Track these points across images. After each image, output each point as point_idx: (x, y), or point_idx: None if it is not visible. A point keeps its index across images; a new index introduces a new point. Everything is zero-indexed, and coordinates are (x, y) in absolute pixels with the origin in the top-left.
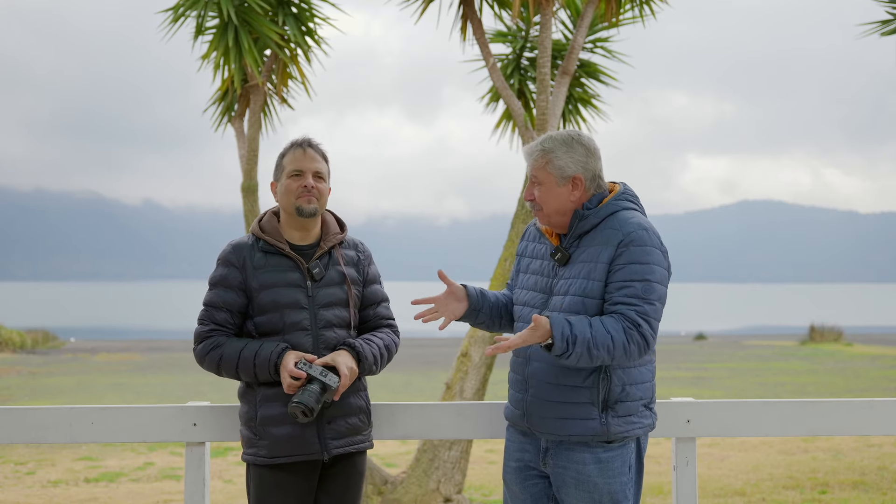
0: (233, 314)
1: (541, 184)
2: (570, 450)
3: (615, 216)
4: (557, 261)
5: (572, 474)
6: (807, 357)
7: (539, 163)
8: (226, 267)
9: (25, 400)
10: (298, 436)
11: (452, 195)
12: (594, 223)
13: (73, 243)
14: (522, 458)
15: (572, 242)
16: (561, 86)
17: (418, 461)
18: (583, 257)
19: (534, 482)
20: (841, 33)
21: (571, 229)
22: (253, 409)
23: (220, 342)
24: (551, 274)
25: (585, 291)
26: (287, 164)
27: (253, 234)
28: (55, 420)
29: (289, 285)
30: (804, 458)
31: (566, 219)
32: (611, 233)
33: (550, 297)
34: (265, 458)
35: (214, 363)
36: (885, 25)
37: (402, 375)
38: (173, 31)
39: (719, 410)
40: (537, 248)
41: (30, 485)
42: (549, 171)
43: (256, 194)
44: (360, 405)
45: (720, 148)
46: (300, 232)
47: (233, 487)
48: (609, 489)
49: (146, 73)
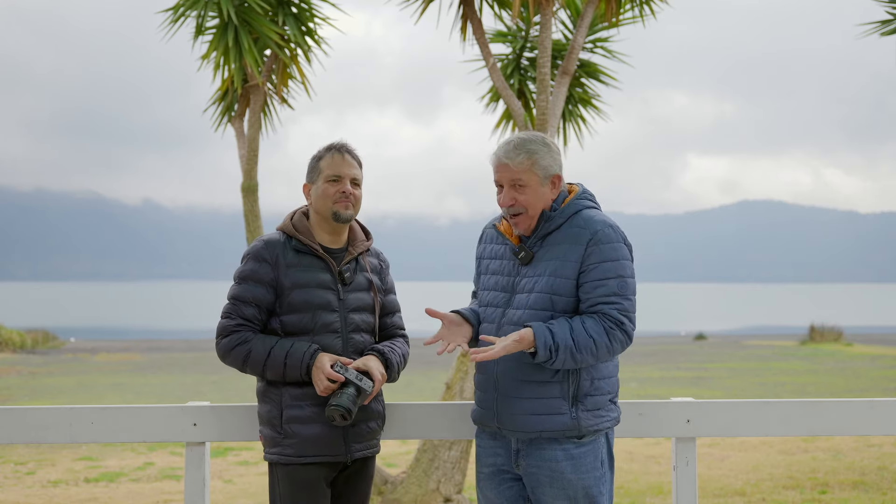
0: (261, 310)
1: (524, 186)
2: (541, 448)
3: (579, 215)
4: (521, 259)
5: (546, 472)
6: (807, 357)
7: (524, 165)
8: (257, 262)
9: (25, 400)
10: (326, 437)
11: (452, 195)
12: (559, 223)
13: (73, 243)
14: (495, 462)
15: (536, 242)
16: (561, 86)
17: (418, 461)
18: (547, 255)
19: (508, 485)
20: (841, 33)
21: (537, 230)
22: (277, 408)
23: (247, 337)
24: (513, 273)
25: (553, 288)
26: (325, 167)
27: (284, 232)
28: (55, 420)
29: (320, 286)
30: (804, 458)
31: (537, 220)
32: (578, 231)
33: (513, 295)
34: (292, 458)
35: (240, 359)
36: (885, 25)
37: (403, 375)
38: (173, 31)
39: (719, 410)
40: (496, 248)
41: (30, 485)
42: (534, 172)
43: (256, 194)
44: (379, 410)
45: (720, 148)
46: (330, 236)
47: (233, 487)
48: (583, 484)
49: (146, 73)
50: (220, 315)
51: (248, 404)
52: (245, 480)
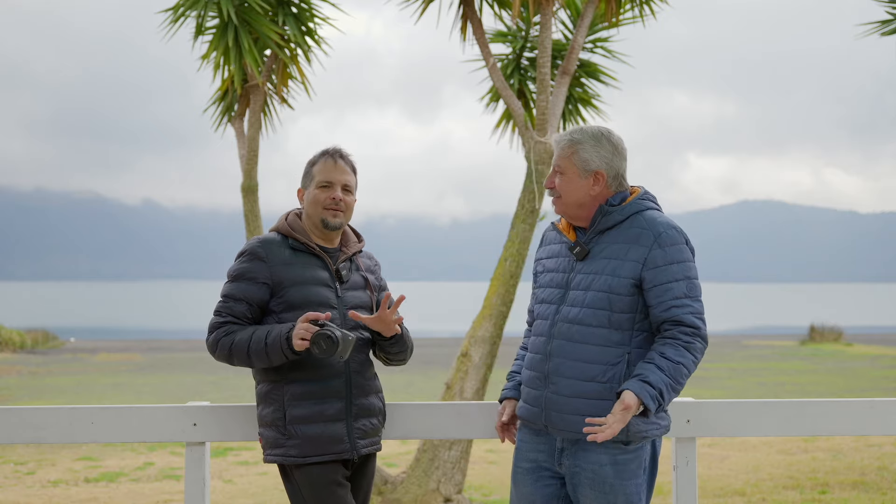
0: (252, 307)
1: (563, 173)
2: (586, 450)
3: (641, 215)
4: (576, 255)
5: (588, 475)
6: (807, 357)
7: (565, 152)
8: (251, 261)
9: (25, 400)
10: (329, 435)
11: (452, 195)
12: (618, 220)
13: (73, 243)
14: (536, 458)
15: (592, 238)
16: (561, 86)
17: (418, 461)
18: (605, 253)
19: (546, 483)
20: (841, 33)
21: (593, 224)
22: (280, 409)
23: (231, 329)
24: (568, 269)
25: (611, 288)
26: (317, 173)
27: (280, 233)
28: (55, 420)
29: (319, 283)
30: (804, 458)
31: (583, 212)
32: (639, 231)
33: (567, 291)
34: (296, 458)
35: (226, 350)
36: (885, 25)
37: (403, 375)
38: (173, 31)
39: (719, 410)
40: (553, 248)
41: (30, 485)
42: (573, 162)
43: (256, 194)
44: (380, 406)
45: (720, 148)
46: (323, 238)
47: (233, 487)
48: (624, 491)
49: (146, 72)
50: (213, 313)
51: (247, 404)
52: (245, 480)
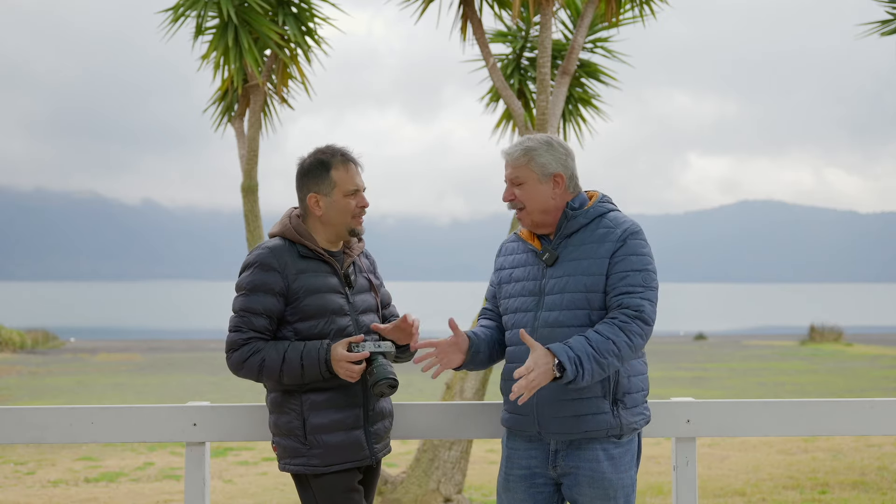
0: (272, 320)
1: (522, 183)
2: (580, 448)
3: (606, 216)
4: (545, 261)
5: (586, 473)
6: (807, 357)
7: (520, 161)
8: (265, 271)
9: (25, 400)
10: (351, 442)
11: (452, 195)
12: (583, 223)
13: (73, 243)
14: (529, 465)
15: (560, 242)
16: (561, 86)
17: (418, 461)
18: (576, 255)
19: (540, 489)
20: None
21: (559, 229)
22: (299, 418)
23: (259, 347)
24: (539, 276)
25: (588, 286)
26: (339, 180)
27: (286, 238)
28: (55, 420)
29: (331, 291)
30: (804, 458)
31: (549, 217)
32: (606, 231)
33: (542, 297)
34: (318, 467)
35: (255, 369)
36: (885, 25)
37: (402, 375)
38: (173, 30)
39: (719, 410)
40: (517, 257)
41: (30, 485)
42: (531, 169)
43: (256, 194)
44: (389, 409)
45: (721, 148)
46: (329, 241)
47: (233, 487)
48: (622, 484)
49: (146, 72)
50: (229, 329)
51: (247, 404)
52: (245, 480)
